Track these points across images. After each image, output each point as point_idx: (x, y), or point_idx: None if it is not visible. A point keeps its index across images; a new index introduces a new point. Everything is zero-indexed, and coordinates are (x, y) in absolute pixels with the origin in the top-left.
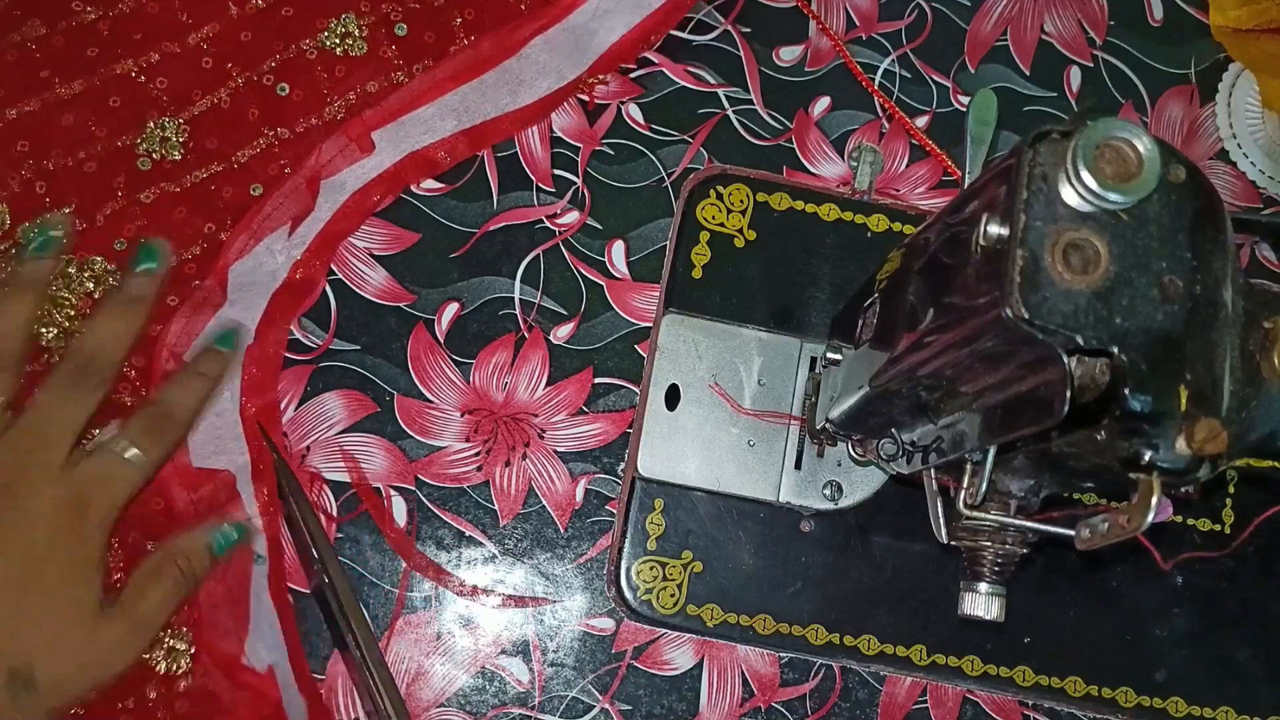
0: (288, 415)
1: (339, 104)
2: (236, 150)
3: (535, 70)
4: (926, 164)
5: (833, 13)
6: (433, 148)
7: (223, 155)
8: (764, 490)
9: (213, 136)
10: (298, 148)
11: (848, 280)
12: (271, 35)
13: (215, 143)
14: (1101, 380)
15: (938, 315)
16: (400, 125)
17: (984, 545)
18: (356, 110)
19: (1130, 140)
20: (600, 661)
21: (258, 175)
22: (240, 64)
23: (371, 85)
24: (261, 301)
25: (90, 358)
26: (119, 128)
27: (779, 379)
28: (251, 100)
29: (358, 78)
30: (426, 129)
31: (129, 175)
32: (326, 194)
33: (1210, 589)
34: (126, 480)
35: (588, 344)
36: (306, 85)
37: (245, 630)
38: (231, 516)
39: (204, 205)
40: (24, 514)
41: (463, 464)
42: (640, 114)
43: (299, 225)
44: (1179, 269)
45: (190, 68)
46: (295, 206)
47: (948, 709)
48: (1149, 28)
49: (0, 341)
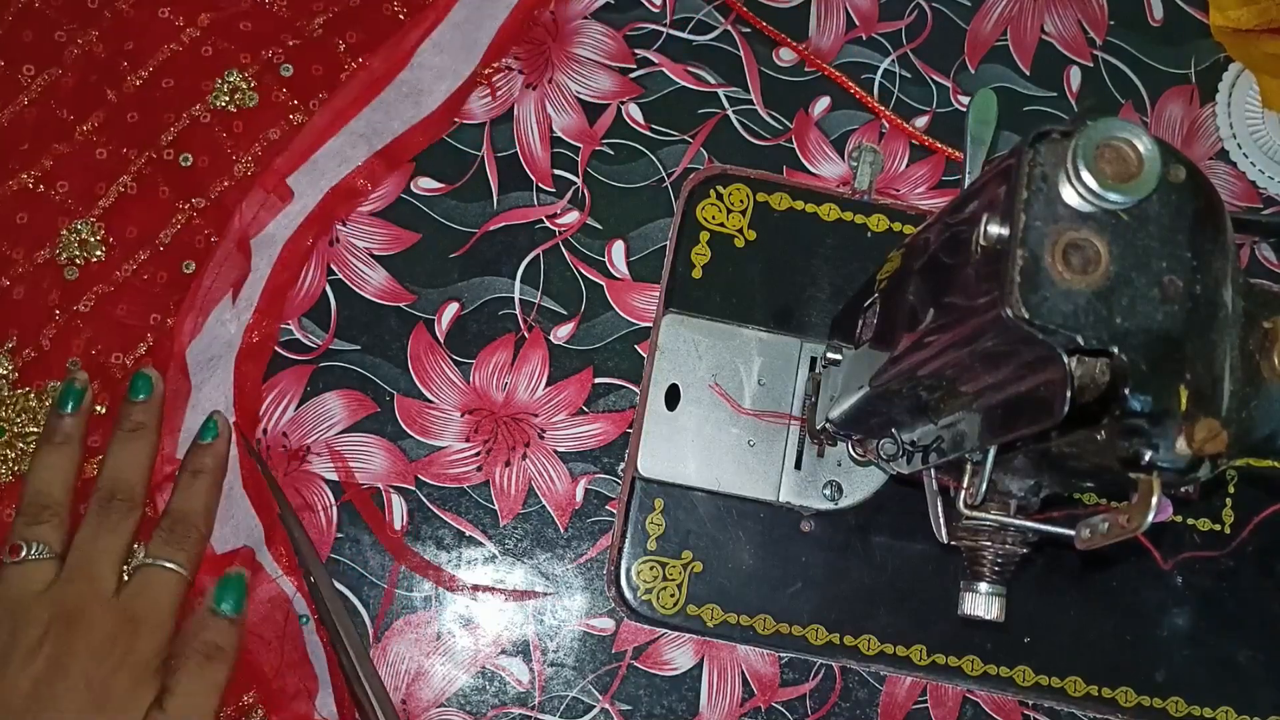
0: (288, 415)
1: (246, 159)
2: (158, 232)
3: (432, 75)
4: (926, 164)
5: (833, 13)
6: (351, 177)
7: (145, 241)
8: (764, 490)
9: (130, 225)
10: (217, 214)
11: (848, 280)
12: (158, 109)
13: (134, 230)
14: (1101, 380)
15: (938, 315)
16: (313, 164)
17: (984, 545)
18: (265, 161)
19: (1130, 140)
20: (600, 661)
21: (186, 252)
22: (135, 145)
23: (273, 132)
24: (226, 375)
25: (112, 489)
26: (34, 244)
27: (779, 379)
28: (158, 178)
29: (257, 129)
30: (340, 160)
31: (60, 290)
32: (260, 251)
33: (1210, 589)
34: (165, 589)
35: (588, 344)
36: (209, 150)
37: (315, 688)
38: (229, 572)
39: (142, 296)
40: (84, 640)
41: (463, 464)
42: (640, 114)
43: (240, 289)
44: (1179, 269)
45: (86, 163)
46: (233, 272)
47: (948, 709)
48: (1149, 28)
49: (49, 492)
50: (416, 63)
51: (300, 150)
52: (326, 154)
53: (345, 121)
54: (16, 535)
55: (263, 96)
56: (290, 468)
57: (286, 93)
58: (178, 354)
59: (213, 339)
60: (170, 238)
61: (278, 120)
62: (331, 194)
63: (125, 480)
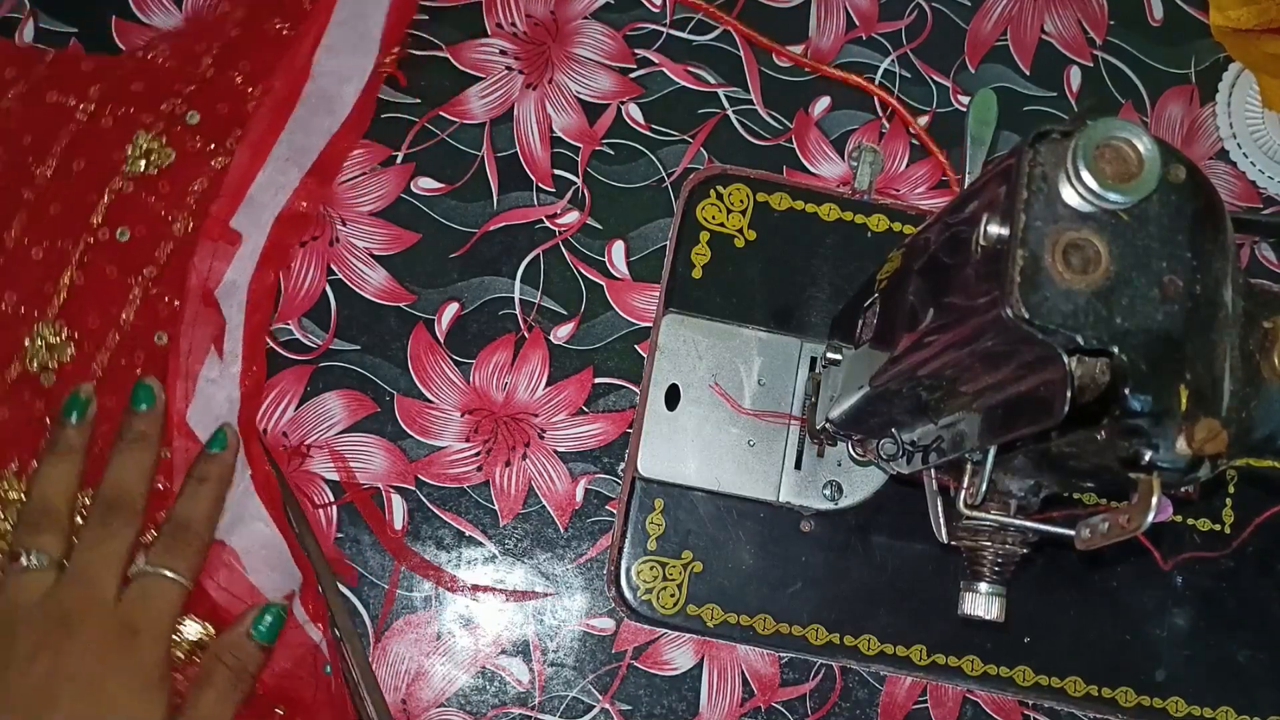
0: (288, 415)
1: (183, 216)
2: (119, 314)
3: (335, 81)
4: (926, 164)
5: (833, 13)
6: (291, 203)
7: (109, 326)
8: (764, 490)
9: (90, 315)
10: (173, 278)
11: (848, 280)
12: (79, 193)
13: (95, 320)
14: (1101, 380)
15: (938, 315)
16: (250, 201)
17: (984, 545)
18: (201, 212)
19: (1130, 140)
20: (600, 661)
21: (154, 324)
22: (69, 236)
23: (200, 182)
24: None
25: (114, 498)
26: (3, 362)
27: (779, 379)
28: (101, 261)
29: (184, 183)
30: (275, 189)
31: (44, 398)
32: (227, 300)
33: (1210, 589)
34: (165, 598)
35: (588, 344)
36: (143, 218)
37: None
38: (272, 601)
39: (125, 381)
40: (82, 646)
41: (463, 464)
42: (640, 114)
43: (222, 343)
44: (1179, 269)
45: (26, 268)
46: (208, 329)
47: (948, 709)
48: (1149, 28)
49: (50, 501)
50: (316, 72)
51: (233, 191)
52: (259, 187)
53: (267, 150)
54: (17, 543)
55: (178, 150)
56: (291, 467)
57: (200, 140)
58: (179, 422)
59: (209, 399)
60: (133, 315)
61: (201, 169)
62: (277, 225)
63: (126, 489)
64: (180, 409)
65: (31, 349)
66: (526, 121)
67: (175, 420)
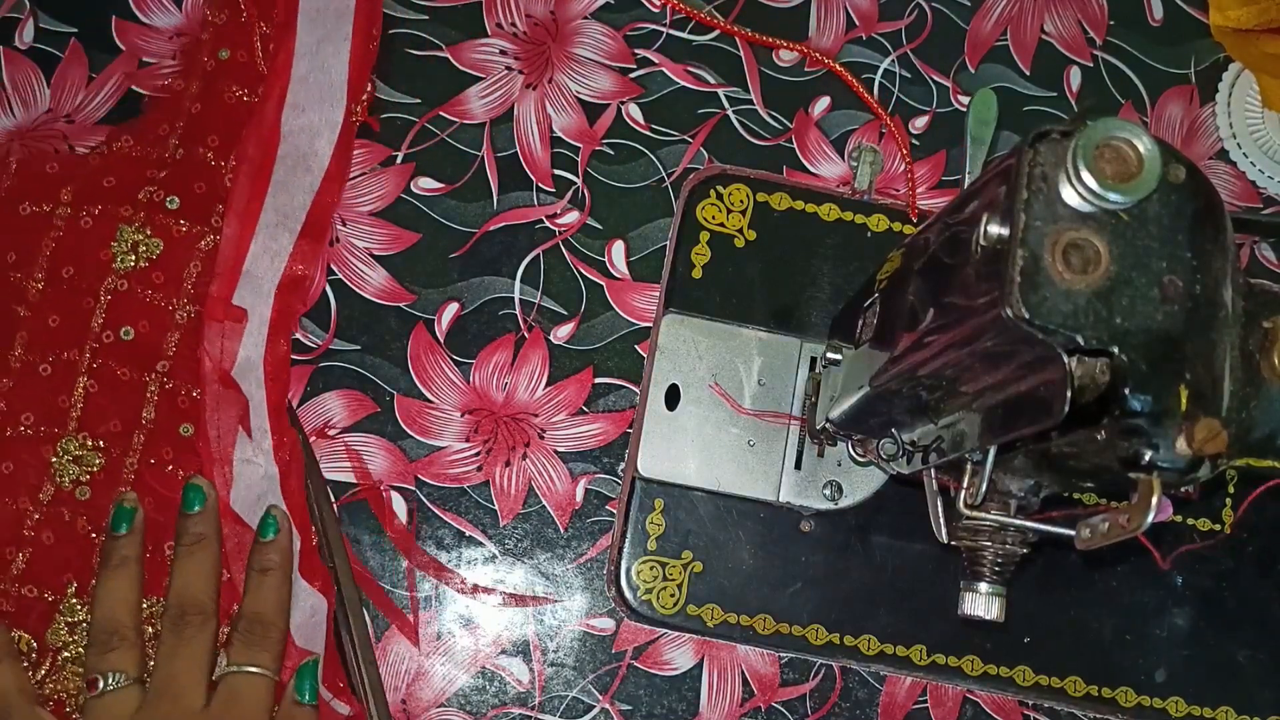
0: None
1: (184, 304)
2: (139, 415)
3: (307, 136)
4: (927, 164)
5: (833, 13)
6: (289, 268)
7: (132, 428)
8: (764, 490)
9: (111, 420)
10: (185, 368)
11: (848, 280)
12: (74, 300)
13: (118, 424)
14: (1101, 380)
15: (938, 315)
16: (248, 275)
17: (984, 545)
18: (200, 296)
19: (1130, 140)
20: (600, 661)
21: (176, 417)
22: (72, 346)
23: (194, 266)
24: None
25: (184, 604)
26: (34, 487)
27: (779, 379)
28: (111, 365)
29: (177, 269)
30: (271, 257)
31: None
32: (245, 377)
33: (1210, 589)
34: (255, 694)
35: (588, 344)
36: (143, 314)
37: None
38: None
39: (161, 482)
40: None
41: (463, 464)
42: (640, 114)
43: (249, 421)
44: (1179, 269)
45: (36, 386)
46: (233, 411)
47: (948, 709)
48: (1149, 28)
49: (115, 618)
50: (286, 132)
51: (229, 268)
52: (254, 258)
53: (254, 219)
54: (91, 669)
55: (164, 238)
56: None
57: (185, 223)
58: (224, 509)
59: (248, 483)
60: (154, 412)
61: (191, 252)
62: (279, 292)
63: (194, 595)
64: (225, 499)
65: (59, 465)
66: (526, 121)
67: (221, 510)
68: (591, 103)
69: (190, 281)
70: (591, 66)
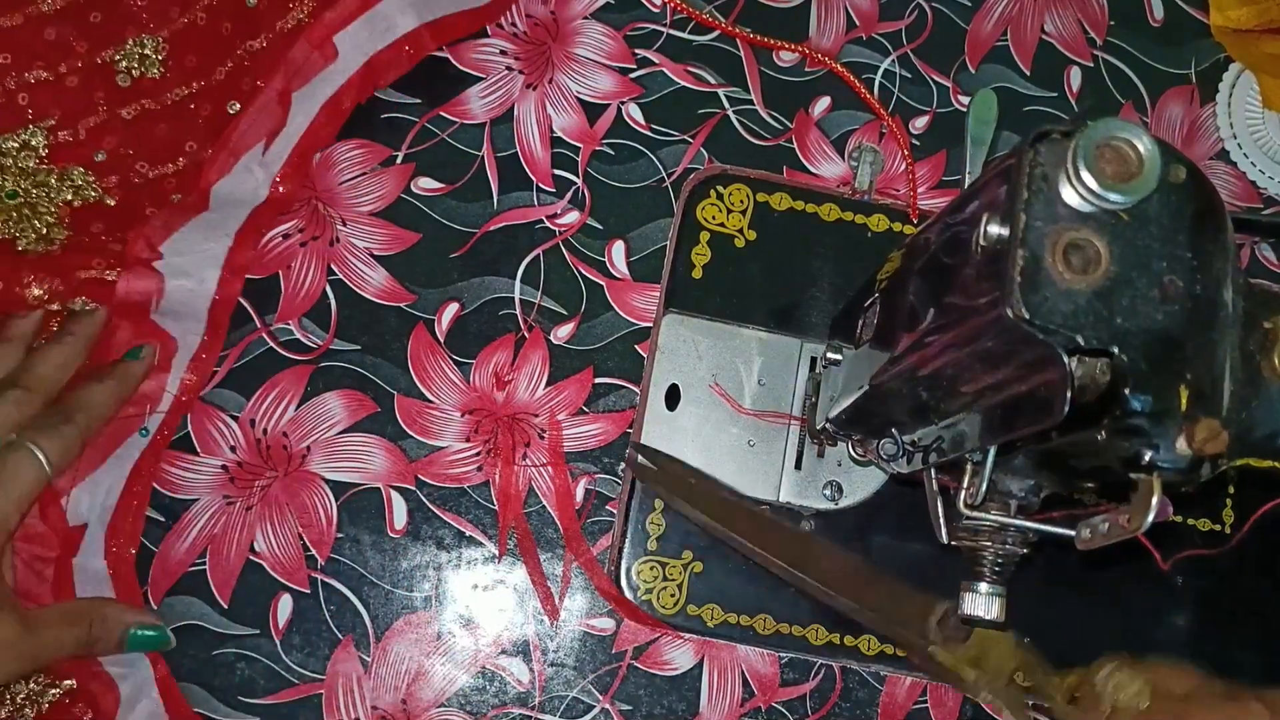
0: (288, 415)
1: (304, 6)
2: (214, 68)
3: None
4: (927, 164)
5: (833, 13)
6: (396, 44)
7: (201, 73)
8: (764, 490)
9: (190, 54)
10: (266, 60)
11: (848, 280)
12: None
13: (193, 60)
14: (1101, 380)
15: (938, 315)
16: (361, 23)
17: (984, 545)
18: (319, 12)
19: (1130, 140)
20: (600, 661)
21: (233, 92)
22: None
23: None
24: (242, 214)
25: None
26: (100, 43)
27: (779, 379)
28: (224, 14)
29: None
30: (387, 26)
31: (108, 91)
32: (298, 105)
33: (1210, 589)
34: (23, 479)
35: (588, 344)
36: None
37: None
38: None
39: (183, 123)
40: None
41: (463, 464)
42: (640, 114)
43: (273, 141)
44: (1179, 269)
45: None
46: (270, 122)
47: (948, 709)
48: (1149, 28)
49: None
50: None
51: (351, 8)
52: (375, 16)
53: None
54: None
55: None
56: (291, 467)
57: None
58: (203, 186)
59: (238, 183)
60: (223, 75)
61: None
62: (375, 58)
63: (31, 372)
64: (210, 178)
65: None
66: (526, 121)
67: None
68: (592, 103)
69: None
70: (592, 66)
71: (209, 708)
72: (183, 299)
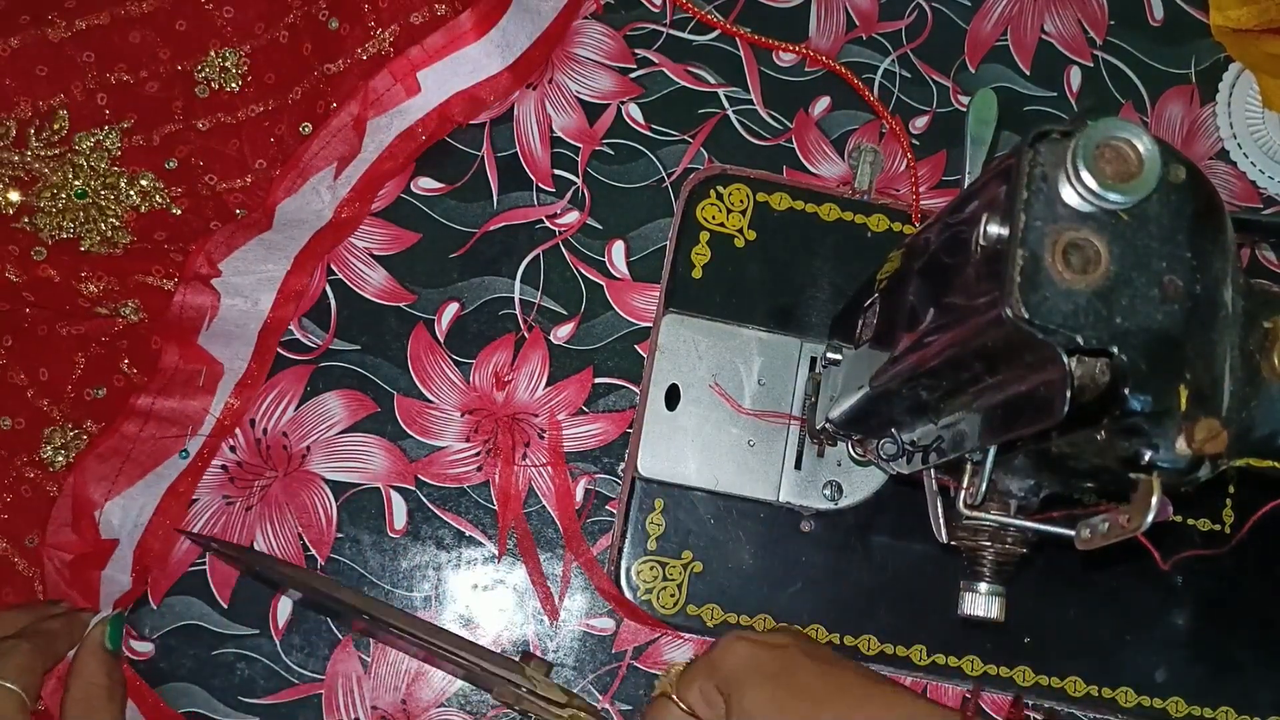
0: (288, 415)
1: (385, 35)
2: (291, 87)
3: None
4: (926, 164)
5: (833, 13)
6: (479, 86)
7: (278, 92)
8: (764, 490)
9: (269, 71)
10: (344, 84)
11: (848, 280)
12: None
13: (272, 77)
14: (1101, 380)
15: (938, 315)
16: (447, 64)
17: (984, 545)
18: (401, 44)
19: (1130, 140)
20: (600, 661)
21: (307, 114)
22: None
23: (416, 17)
24: (304, 236)
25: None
26: (182, 52)
27: (779, 379)
28: (306, 35)
29: (403, 8)
30: (472, 68)
31: (186, 100)
32: (371, 135)
33: (1210, 589)
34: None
35: (588, 344)
36: (354, 18)
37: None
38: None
39: (256, 140)
40: None
41: (463, 464)
42: (640, 114)
43: (345, 167)
44: (1179, 269)
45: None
46: (342, 147)
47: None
48: (1149, 28)
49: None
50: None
51: (438, 47)
52: (461, 58)
53: (487, 29)
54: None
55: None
56: (290, 467)
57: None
58: (270, 204)
59: (304, 203)
60: (300, 95)
61: (422, 5)
62: (456, 98)
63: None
64: (278, 196)
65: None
66: (526, 121)
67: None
68: (591, 103)
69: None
70: (591, 66)
71: (209, 708)
72: (235, 319)
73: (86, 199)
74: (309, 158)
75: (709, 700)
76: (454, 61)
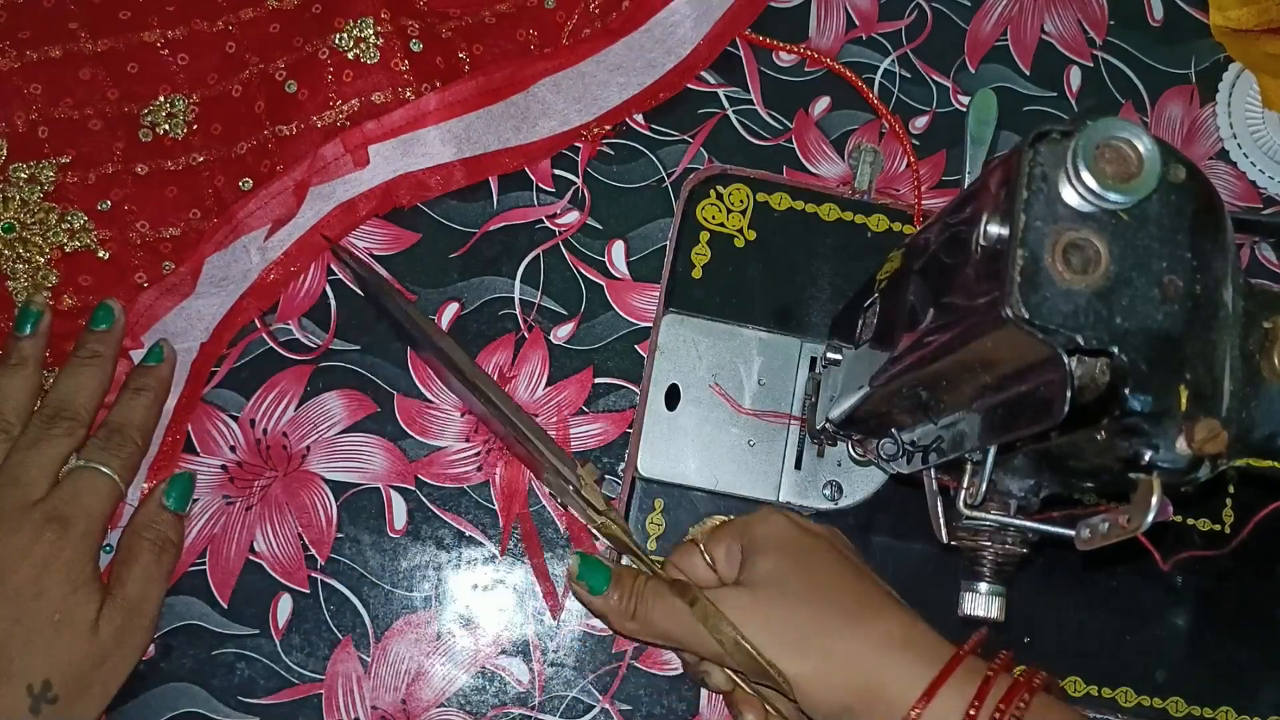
0: (288, 415)
1: (343, 109)
2: (236, 141)
3: (540, 109)
4: (926, 164)
5: (833, 13)
6: (427, 172)
7: (223, 143)
8: (764, 490)
9: (217, 122)
10: (293, 148)
11: (848, 280)
12: (296, 30)
13: (218, 129)
14: (1101, 380)
15: (938, 315)
16: (400, 143)
17: (984, 545)
18: (358, 119)
19: (1130, 140)
20: (600, 661)
21: (250, 170)
22: (260, 55)
23: (378, 96)
24: (229, 299)
25: (60, 406)
26: (131, 93)
27: (779, 379)
28: (260, 93)
29: (365, 86)
30: (424, 152)
31: (128, 143)
32: (311, 202)
33: (1210, 589)
34: (96, 492)
35: (588, 344)
36: (313, 85)
37: None
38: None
39: (193, 189)
40: (10, 545)
41: (463, 464)
42: (640, 114)
43: (279, 229)
44: (1179, 269)
45: (213, 49)
46: (280, 209)
47: None
48: (1149, 28)
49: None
50: (533, 92)
51: (394, 125)
52: (416, 139)
53: (448, 116)
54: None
55: (384, 58)
56: (290, 467)
57: (407, 65)
58: (197, 257)
59: (233, 260)
60: (245, 151)
61: (386, 86)
62: (403, 179)
63: (72, 402)
64: (206, 251)
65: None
66: None
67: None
68: None
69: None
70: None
71: (209, 708)
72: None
73: (14, 233)
74: (245, 215)
75: (731, 559)
76: (407, 142)
